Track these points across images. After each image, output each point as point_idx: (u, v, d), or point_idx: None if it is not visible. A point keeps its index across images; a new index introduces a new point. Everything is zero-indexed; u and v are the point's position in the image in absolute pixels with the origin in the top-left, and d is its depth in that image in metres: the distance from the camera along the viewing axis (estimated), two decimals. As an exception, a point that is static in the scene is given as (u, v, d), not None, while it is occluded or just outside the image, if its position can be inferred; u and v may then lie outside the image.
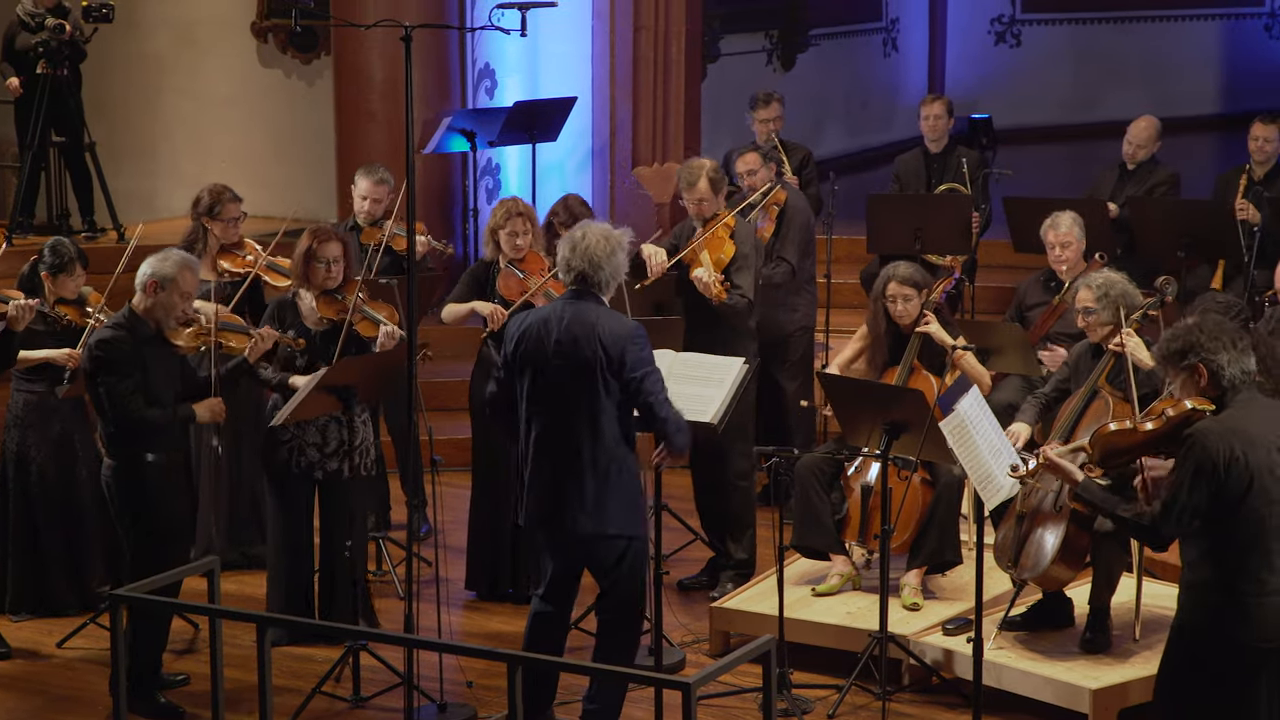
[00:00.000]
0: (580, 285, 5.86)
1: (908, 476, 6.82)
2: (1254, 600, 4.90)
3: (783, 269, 8.21)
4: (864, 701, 6.47)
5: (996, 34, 15.36)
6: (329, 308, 6.86)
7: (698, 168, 7.44)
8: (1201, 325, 4.98)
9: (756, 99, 9.64)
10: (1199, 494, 4.84)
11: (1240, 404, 4.92)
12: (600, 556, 5.90)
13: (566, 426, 5.81)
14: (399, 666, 6.35)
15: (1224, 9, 15.67)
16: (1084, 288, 6.80)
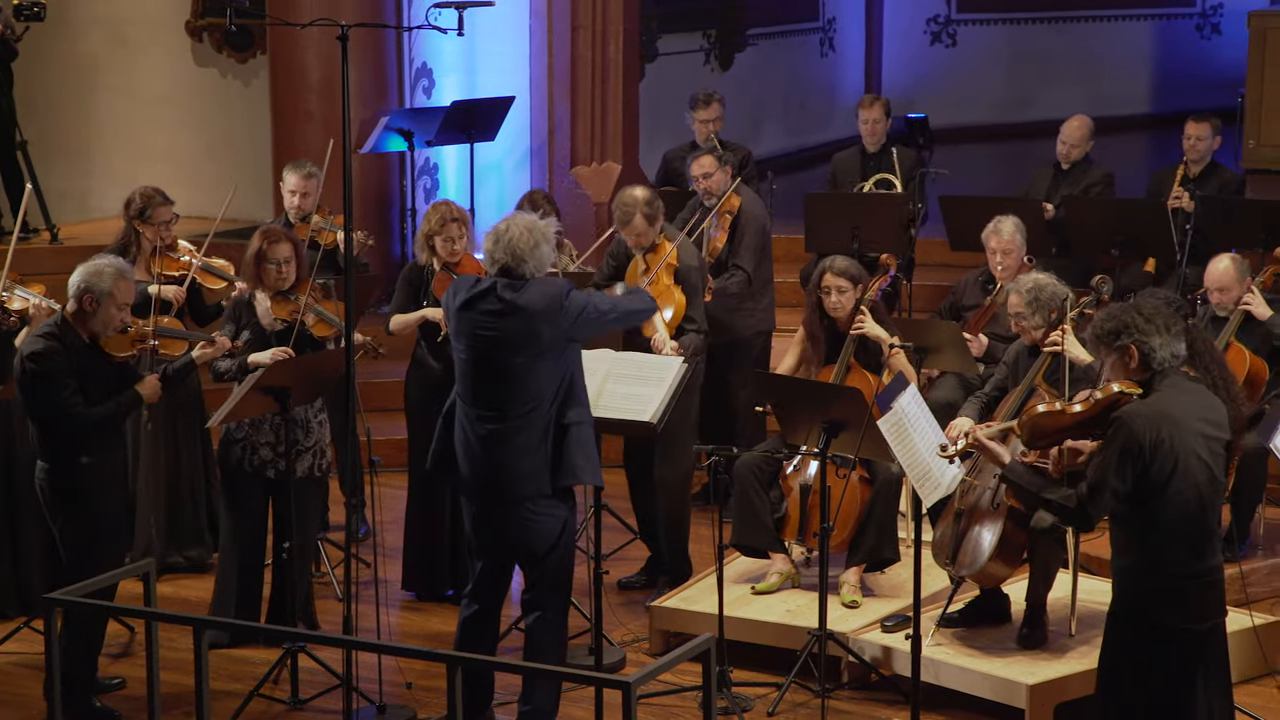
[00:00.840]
0: (511, 273, 5.88)
1: (846, 475, 6.85)
2: (1184, 582, 4.96)
3: (738, 278, 8.21)
4: (803, 699, 6.49)
5: (932, 34, 15.44)
6: (282, 308, 6.83)
7: (631, 204, 7.38)
8: (1138, 307, 5.05)
9: (697, 99, 9.65)
10: (1124, 475, 4.90)
11: (1167, 388, 4.98)
12: (535, 543, 5.89)
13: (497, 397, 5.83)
14: (338, 668, 6.32)
15: (1156, 9, 15.81)
16: (1014, 293, 6.85)
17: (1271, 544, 7.55)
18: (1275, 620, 6.75)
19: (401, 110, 9.98)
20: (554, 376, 5.84)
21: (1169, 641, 5.00)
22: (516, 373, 5.81)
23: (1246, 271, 7.39)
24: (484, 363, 5.87)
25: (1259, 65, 12.81)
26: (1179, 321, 5.07)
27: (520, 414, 5.82)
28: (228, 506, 6.92)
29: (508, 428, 5.83)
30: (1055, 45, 15.50)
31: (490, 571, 6.05)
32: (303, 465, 6.80)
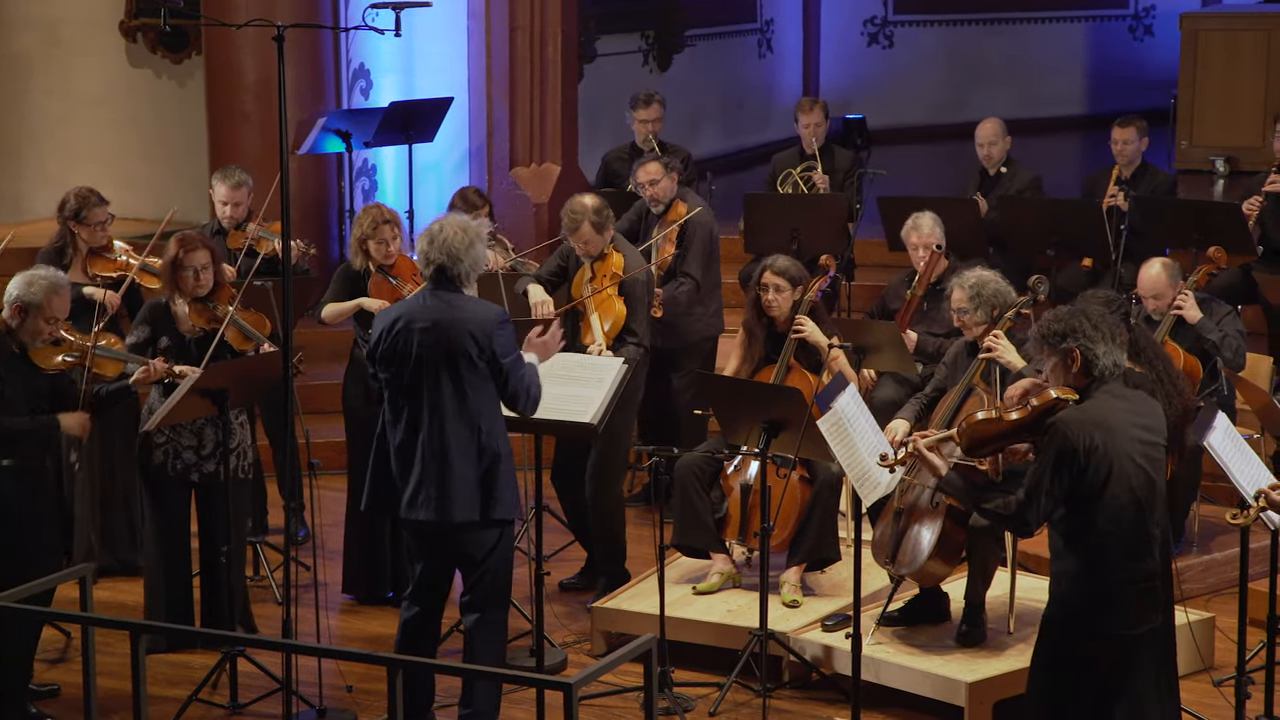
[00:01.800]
0: (439, 278, 5.85)
1: (786, 475, 6.87)
2: (1120, 587, 5.01)
3: (687, 286, 8.21)
4: (745, 699, 6.51)
5: (869, 35, 15.51)
6: (200, 316, 6.77)
7: (580, 212, 7.36)
8: (1086, 313, 5.09)
9: (637, 99, 9.65)
10: (1060, 481, 4.94)
11: (1103, 394, 5.03)
12: (473, 547, 5.88)
13: (437, 417, 5.80)
14: (277, 672, 6.29)
15: (1089, 11, 15.93)
16: (957, 288, 6.88)
17: (1206, 541, 7.62)
18: (1210, 616, 6.83)
19: (339, 111, 9.94)
20: (481, 400, 5.81)
21: (1103, 645, 5.04)
22: (446, 389, 5.78)
23: (1178, 276, 7.45)
24: (414, 384, 5.82)
25: (1191, 66, 12.94)
26: (1124, 332, 5.14)
27: (452, 435, 5.79)
28: (152, 512, 6.86)
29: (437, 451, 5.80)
30: (990, 47, 15.60)
31: (430, 574, 6.04)
32: (228, 467, 6.75)
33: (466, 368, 5.78)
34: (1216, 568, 7.45)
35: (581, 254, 7.45)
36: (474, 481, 5.81)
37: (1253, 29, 13.01)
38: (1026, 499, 5.01)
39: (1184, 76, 12.97)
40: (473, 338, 5.76)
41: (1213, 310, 7.45)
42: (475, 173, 11.00)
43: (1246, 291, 8.51)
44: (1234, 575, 6.33)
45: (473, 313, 5.80)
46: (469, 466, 5.81)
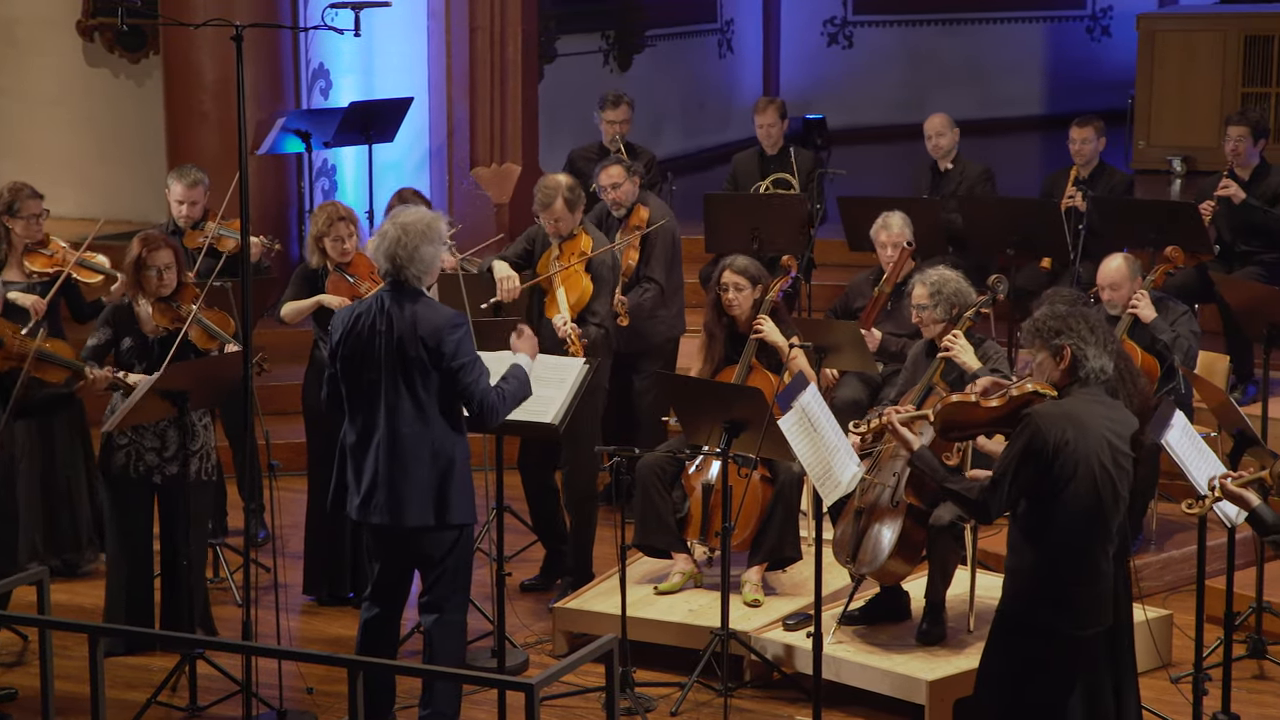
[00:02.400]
0: (393, 280, 5.85)
1: (748, 474, 6.88)
2: (1071, 588, 5.03)
3: (651, 291, 8.20)
4: (706, 698, 6.51)
5: (829, 35, 15.55)
6: (164, 316, 6.74)
7: (553, 188, 7.36)
8: (1084, 315, 5.14)
9: (606, 99, 9.63)
10: (1026, 472, 4.97)
11: (1084, 396, 5.06)
12: (431, 549, 5.88)
13: (391, 420, 5.79)
14: (237, 674, 6.26)
15: (1046, 11, 16.01)
16: (918, 284, 6.91)
17: (1164, 539, 7.67)
18: (1167, 614, 6.87)
19: (298, 111, 9.90)
20: (436, 404, 5.79)
21: (1051, 644, 5.07)
22: (401, 392, 5.77)
23: (1138, 271, 7.50)
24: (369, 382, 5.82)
25: (1148, 67, 13.02)
26: (1115, 340, 5.18)
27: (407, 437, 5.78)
28: (114, 513, 6.82)
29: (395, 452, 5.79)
30: (949, 47, 15.66)
31: (389, 574, 6.03)
32: (190, 469, 6.73)
33: (420, 372, 5.77)
34: (1174, 565, 7.50)
35: (551, 232, 7.43)
36: (428, 486, 5.80)
37: (1209, 30, 13.10)
38: (991, 485, 5.05)
39: (1141, 77, 13.05)
40: (423, 343, 5.75)
41: (1169, 309, 7.50)
42: (435, 173, 10.98)
43: (1203, 290, 8.56)
44: (1192, 573, 6.37)
45: (425, 318, 5.79)
46: (423, 470, 5.79)
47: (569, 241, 7.38)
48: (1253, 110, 9.07)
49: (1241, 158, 8.67)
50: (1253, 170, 8.69)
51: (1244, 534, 6.10)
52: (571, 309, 7.25)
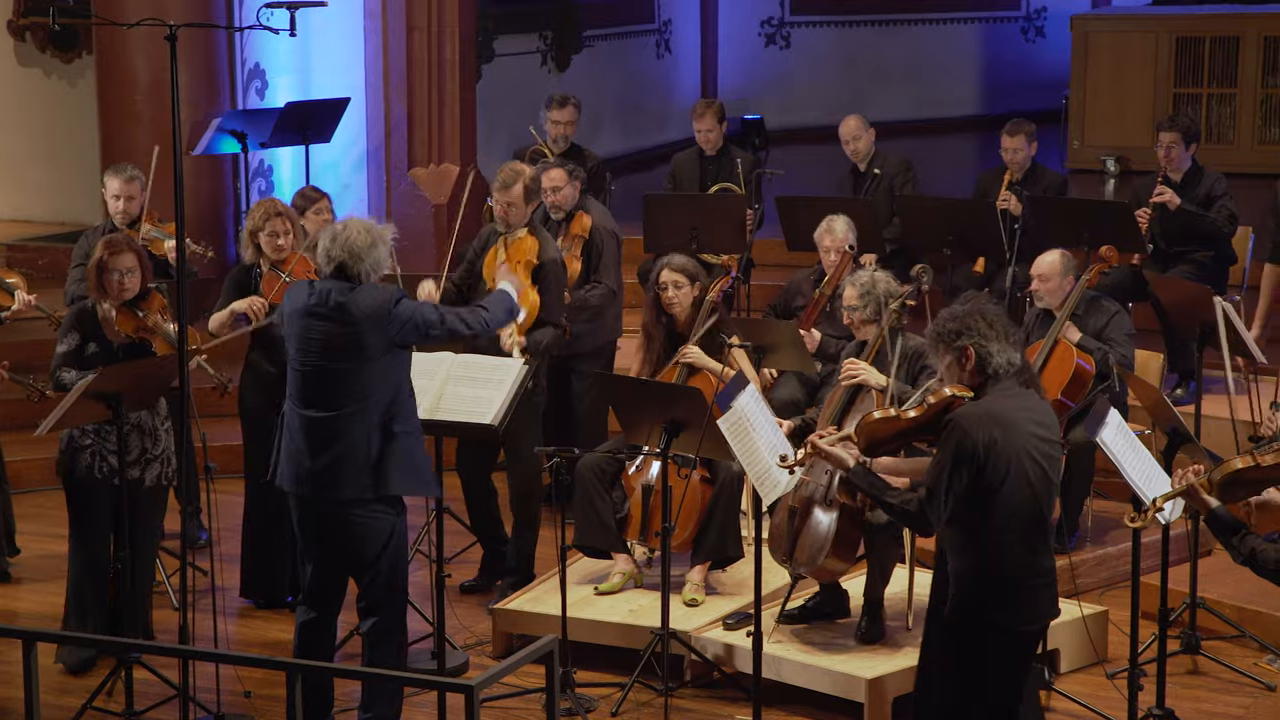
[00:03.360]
0: (339, 274, 5.86)
1: (688, 474, 6.89)
2: (1019, 583, 5.06)
3: (600, 290, 8.23)
4: (647, 698, 6.52)
5: (766, 36, 15.59)
6: (128, 323, 6.66)
7: (517, 171, 7.36)
8: (981, 312, 5.13)
9: (553, 99, 9.63)
10: (960, 478, 4.99)
11: (999, 392, 5.08)
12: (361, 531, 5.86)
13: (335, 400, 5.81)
14: (174, 678, 6.22)
15: (981, 12, 16.13)
16: (849, 286, 6.94)
17: (1099, 536, 7.74)
18: (1103, 610, 6.93)
19: (234, 112, 9.84)
20: (383, 382, 5.83)
21: (1003, 642, 5.09)
22: (343, 376, 5.81)
23: (1072, 269, 7.54)
24: (312, 365, 5.87)
25: (1082, 68, 13.14)
26: (1016, 330, 5.19)
27: (345, 416, 5.81)
28: (76, 517, 6.75)
29: (332, 429, 5.82)
30: (886, 48, 15.74)
31: (322, 576, 6.02)
32: (151, 473, 6.68)
33: (365, 356, 5.79)
34: (1110, 561, 7.56)
35: (500, 217, 7.38)
36: (367, 460, 5.81)
37: (1141, 31, 13.23)
38: (928, 497, 5.05)
39: (1075, 77, 13.17)
40: (375, 325, 5.77)
41: (1102, 309, 7.55)
42: (373, 173, 10.94)
43: (1137, 290, 8.64)
44: (1127, 569, 6.43)
45: (369, 300, 5.81)
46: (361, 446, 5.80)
47: (515, 246, 7.32)
48: (1183, 115, 9.16)
49: (1174, 162, 8.76)
50: (1185, 174, 8.77)
51: (1178, 530, 6.18)
52: (519, 327, 7.24)
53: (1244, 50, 12.75)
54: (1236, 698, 6.56)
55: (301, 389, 5.90)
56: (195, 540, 7.61)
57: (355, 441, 5.80)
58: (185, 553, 6.43)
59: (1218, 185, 8.75)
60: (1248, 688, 6.63)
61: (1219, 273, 8.71)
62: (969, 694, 5.10)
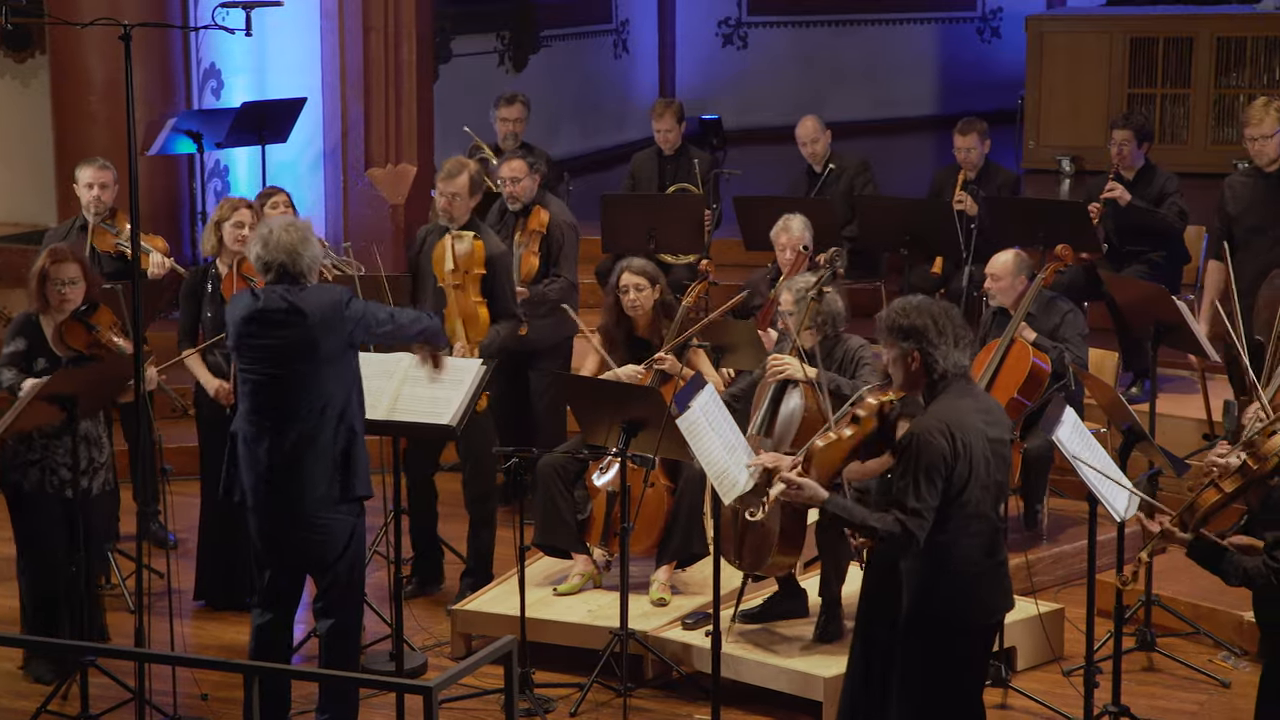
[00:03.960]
0: (283, 276, 5.85)
1: (653, 482, 6.88)
2: (976, 580, 5.07)
3: (559, 284, 8.24)
4: (606, 699, 6.52)
5: (724, 36, 15.62)
6: (80, 338, 6.58)
7: (462, 163, 7.40)
8: (932, 314, 5.09)
9: (500, 98, 9.64)
10: (935, 490, 4.96)
11: (951, 395, 5.08)
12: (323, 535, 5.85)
13: (291, 407, 5.78)
14: (130, 681, 6.18)
15: (938, 13, 16.19)
16: (785, 291, 6.91)
17: (1055, 534, 7.78)
18: (1059, 608, 6.97)
19: (189, 112, 9.80)
20: (341, 382, 5.82)
21: (964, 639, 5.10)
22: (301, 380, 5.78)
23: (1025, 268, 7.57)
24: (267, 374, 5.82)
25: (1037, 68, 13.20)
26: (968, 332, 5.16)
27: (307, 422, 5.78)
28: (27, 531, 6.66)
29: (294, 436, 5.79)
30: (842, 48, 15.78)
31: (280, 579, 6.00)
32: (98, 482, 6.63)
33: (322, 359, 5.78)
34: (1066, 560, 7.61)
35: (443, 209, 7.38)
36: (331, 465, 5.80)
37: (1096, 31, 13.31)
38: (911, 515, 4.97)
39: (1030, 78, 13.23)
40: (329, 325, 5.76)
41: (1056, 309, 7.59)
42: (330, 173, 10.91)
43: (1092, 289, 8.69)
44: (1083, 567, 6.47)
45: (321, 300, 5.80)
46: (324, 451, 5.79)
47: (465, 258, 7.29)
48: (1136, 114, 9.22)
49: (1126, 160, 8.81)
50: (1137, 172, 8.83)
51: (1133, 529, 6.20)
52: (470, 342, 7.23)
53: (1197, 51, 12.84)
54: (1191, 694, 6.61)
55: (256, 399, 5.85)
56: (164, 543, 7.57)
57: (321, 446, 5.78)
58: (140, 555, 6.39)
59: (1169, 183, 8.81)
60: (1203, 684, 6.67)
61: (1173, 272, 8.77)
62: (931, 693, 5.11)
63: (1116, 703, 6.17)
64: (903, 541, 5.02)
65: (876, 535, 5.07)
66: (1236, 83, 12.80)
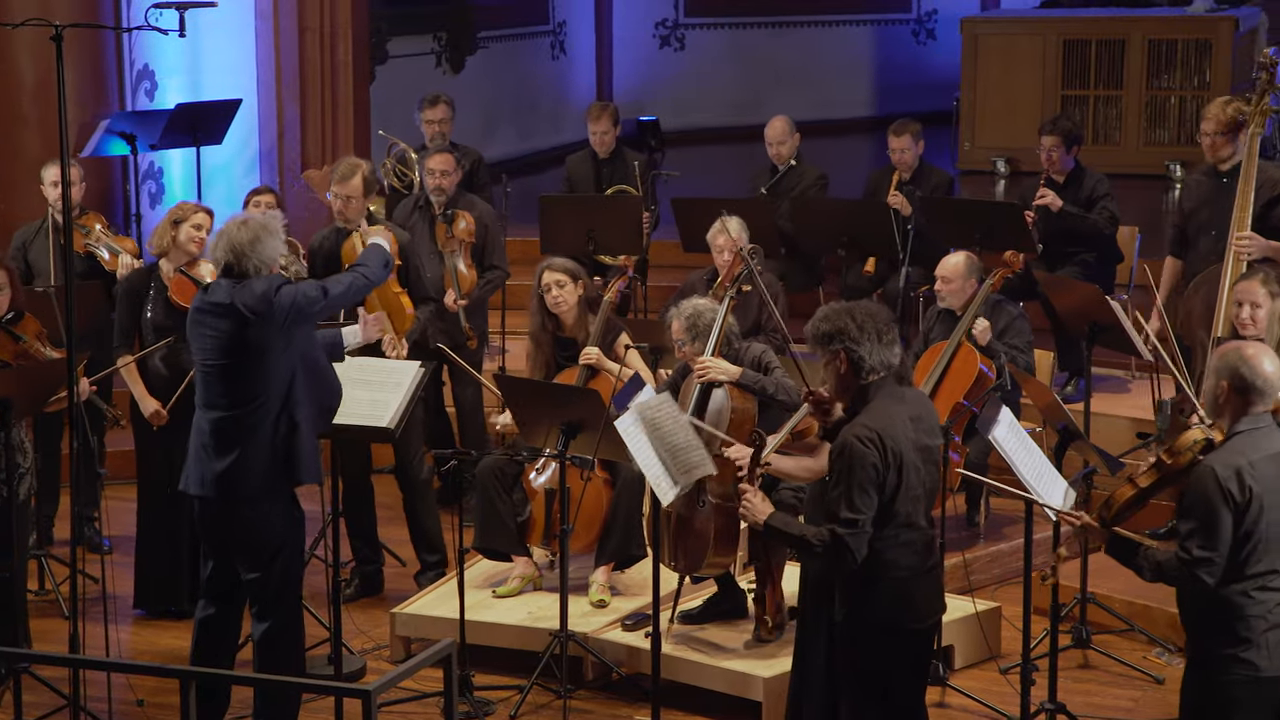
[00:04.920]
0: (229, 274, 5.88)
1: (589, 476, 6.88)
2: (909, 584, 5.09)
3: (495, 275, 8.32)
4: (546, 700, 6.51)
5: (661, 38, 15.63)
6: (5, 348, 6.52)
7: (354, 164, 7.43)
8: (852, 312, 5.11)
9: (424, 100, 9.65)
10: (870, 499, 4.96)
11: (882, 398, 5.08)
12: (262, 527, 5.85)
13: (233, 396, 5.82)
14: (64, 688, 6.12)
15: (873, 15, 16.27)
16: (674, 319, 6.87)
17: (992, 533, 7.83)
18: (996, 606, 7.01)
19: (123, 113, 9.72)
20: (281, 373, 5.84)
21: (900, 642, 5.12)
22: (241, 372, 5.82)
23: (975, 272, 7.61)
24: (212, 365, 5.89)
25: (972, 69, 13.29)
26: (891, 329, 5.15)
27: (248, 413, 5.81)
28: None
29: (236, 428, 5.82)
30: (779, 49, 15.82)
31: (224, 572, 6.00)
32: (25, 487, 6.57)
33: (260, 349, 5.80)
34: (1003, 559, 7.66)
35: (339, 211, 7.41)
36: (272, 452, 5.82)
37: (1029, 33, 13.42)
38: (848, 527, 4.96)
39: (965, 79, 13.32)
40: (261, 317, 5.79)
41: (1004, 313, 7.65)
42: (266, 175, 10.85)
43: (1027, 289, 8.75)
44: (1019, 566, 6.51)
45: (251, 293, 5.81)
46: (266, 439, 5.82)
47: None
48: (1064, 118, 9.28)
49: (1056, 165, 8.89)
50: (1068, 175, 8.91)
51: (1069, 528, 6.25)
52: (397, 334, 7.26)
53: (1129, 53, 12.96)
54: (1126, 690, 6.67)
55: (204, 390, 5.93)
56: (99, 548, 7.50)
57: (261, 438, 5.82)
58: (75, 560, 6.33)
59: (1099, 186, 8.89)
60: (1137, 681, 6.74)
61: (1105, 272, 8.85)
62: (871, 698, 5.12)
63: (1053, 700, 6.22)
64: (838, 554, 5.00)
65: (813, 550, 5.07)
66: (1168, 84, 12.93)
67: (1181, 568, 4.76)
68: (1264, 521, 4.74)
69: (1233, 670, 4.78)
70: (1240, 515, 4.72)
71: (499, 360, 9.26)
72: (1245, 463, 4.74)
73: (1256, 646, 4.76)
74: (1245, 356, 4.83)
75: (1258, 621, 4.77)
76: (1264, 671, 4.77)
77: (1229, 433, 4.82)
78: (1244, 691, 4.78)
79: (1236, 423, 4.82)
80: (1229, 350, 4.90)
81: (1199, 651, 4.87)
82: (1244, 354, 4.85)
